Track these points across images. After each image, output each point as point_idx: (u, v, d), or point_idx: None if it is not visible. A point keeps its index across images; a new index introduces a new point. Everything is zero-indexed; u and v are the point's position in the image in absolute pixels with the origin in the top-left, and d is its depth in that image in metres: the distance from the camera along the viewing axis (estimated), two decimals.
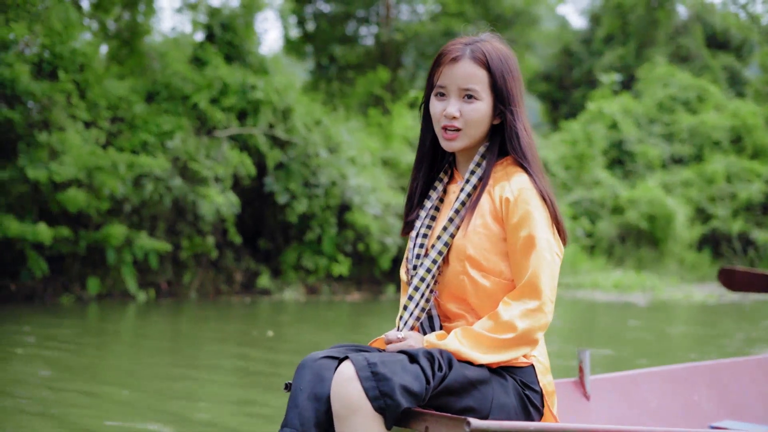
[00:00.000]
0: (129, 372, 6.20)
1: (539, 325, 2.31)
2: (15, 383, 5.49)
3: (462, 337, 2.31)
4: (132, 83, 11.78)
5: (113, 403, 5.00)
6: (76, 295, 10.90)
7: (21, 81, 9.38)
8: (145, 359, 6.86)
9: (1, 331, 8.16)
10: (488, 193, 2.42)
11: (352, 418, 2.13)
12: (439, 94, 2.46)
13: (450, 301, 2.45)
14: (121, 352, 7.33)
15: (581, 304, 12.46)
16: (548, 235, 2.34)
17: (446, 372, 2.23)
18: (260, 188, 12.41)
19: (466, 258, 2.39)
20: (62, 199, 10.14)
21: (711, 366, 3.43)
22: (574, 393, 3.05)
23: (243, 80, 12.04)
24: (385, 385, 2.12)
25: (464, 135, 2.43)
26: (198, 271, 12.02)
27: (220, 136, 11.70)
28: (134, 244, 10.78)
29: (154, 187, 10.92)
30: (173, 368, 6.43)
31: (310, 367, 2.25)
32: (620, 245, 17.67)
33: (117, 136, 11.27)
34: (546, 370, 2.43)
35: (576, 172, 18.62)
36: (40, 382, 5.55)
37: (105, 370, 6.36)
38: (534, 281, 2.31)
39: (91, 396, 5.16)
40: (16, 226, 9.71)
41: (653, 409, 3.19)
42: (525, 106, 2.50)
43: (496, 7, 22.42)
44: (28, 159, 9.90)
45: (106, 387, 5.51)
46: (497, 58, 2.43)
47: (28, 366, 6.17)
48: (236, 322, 9.81)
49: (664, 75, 22.39)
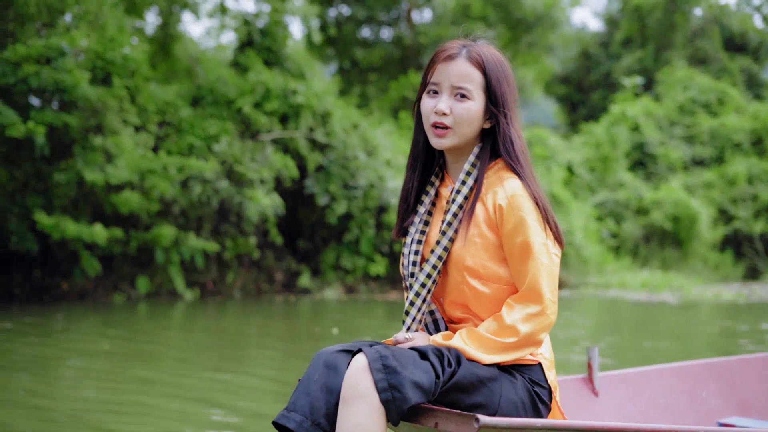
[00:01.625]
0: (201, 366, 6.52)
1: (542, 327, 2.35)
2: (82, 378, 5.83)
3: (467, 338, 2.35)
4: (177, 88, 12.11)
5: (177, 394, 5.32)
6: (127, 293, 11.24)
7: (81, 87, 9.69)
8: (212, 356, 7.17)
9: (70, 329, 8.50)
10: (481, 201, 2.43)
11: (356, 404, 2.17)
12: (432, 91, 2.46)
13: (453, 307, 2.49)
14: (191, 347, 7.65)
15: (619, 304, 12.72)
16: (543, 239, 2.36)
17: (455, 368, 2.27)
18: (300, 190, 12.73)
19: (464, 269, 2.41)
20: (116, 201, 10.48)
21: (719, 363, 3.45)
22: (583, 389, 3.08)
23: (284, 85, 12.37)
24: (394, 378, 2.16)
25: (453, 133, 2.42)
26: (240, 270, 12.35)
27: (264, 139, 12.03)
28: (184, 244, 11.11)
29: (202, 189, 11.25)
30: (245, 365, 6.75)
31: (326, 359, 2.29)
32: (645, 246, 17.96)
33: (165, 140, 11.61)
34: (551, 366, 2.48)
35: (600, 174, 18.93)
36: (105, 375, 5.89)
37: (171, 360, 6.68)
38: (534, 287, 2.35)
39: (150, 384, 5.49)
40: (73, 227, 10.04)
41: (661, 405, 3.21)
42: (518, 113, 2.51)
43: (517, 11, 22.69)
44: (84, 162, 10.24)
45: (174, 377, 5.84)
46: (493, 62, 2.44)
47: (93, 360, 6.51)
48: (295, 321, 10.14)
49: (684, 78, 22.67)
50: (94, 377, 5.79)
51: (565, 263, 14.80)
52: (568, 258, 14.92)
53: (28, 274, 11.03)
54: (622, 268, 16.50)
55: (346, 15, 24.66)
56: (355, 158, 12.70)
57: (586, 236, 15.93)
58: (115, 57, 10.56)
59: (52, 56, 10.06)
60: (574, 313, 11.09)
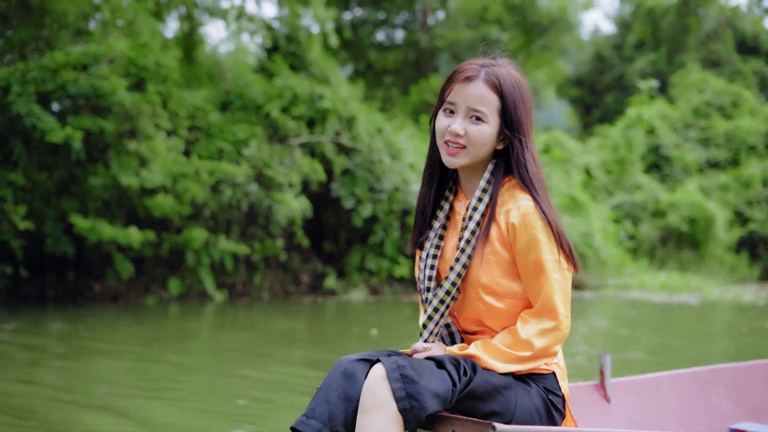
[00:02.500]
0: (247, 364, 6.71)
1: (555, 341, 2.42)
2: (123, 374, 6.04)
3: (482, 349, 2.42)
4: (206, 93, 12.32)
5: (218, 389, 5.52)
6: (158, 295, 11.45)
7: (118, 93, 9.90)
8: (262, 354, 7.37)
9: (110, 327, 8.72)
10: (494, 218, 2.47)
11: (374, 413, 2.21)
12: (448, 110, 2.48)
13: (468, 322, 2.54)
14: (231, 347, 7.85)
15: (645, 305, 12.87)
16: (555, 255, 2.42)
17: (471, 376, 2.32)
18: (326, 193, 12.94)
19: (479, 286, 2.46)
20: (149, 205, 10.69)
21: (730, 368, 3.46)
22: (596, 396, 3.11)
23: (311, 90, 12.58)
24: (412, 388, 2.21)
25: (466, 153, 2.46)
26: (268, 272, 12.56)
27: (292, 144, 12.23)
28: (215, 246, 11.33)
29: (232, 192, 11.46)
30: (285, 365, 6.95)
31: (345, 367, 2.34)
32: (661, 247, 18.15)
33: (195, 144, 11.82)
34: (564, 375, 2.53)
35: (617, 177, 19.12)
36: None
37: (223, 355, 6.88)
38: (548, 303, 2.40)
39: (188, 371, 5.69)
40: (109, 230, 10.25)
41: (673, 411, 3.23)
42: (533, 135, 2.53)
43: (532, 15, 22.89)
44: (119, 166, 10.46)
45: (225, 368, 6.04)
46: (510, 85, 2.45)
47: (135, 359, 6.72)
48: (329, 321, 10.34)
49: (698, 81, 22.85)
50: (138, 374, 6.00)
51: (584, 265, 14.98)
52: (587, 260, 15.10)
53: (62, 275, 11.26)
54: (640, 270, 16.69)
55: (361, 18, 24.90)
56: (380, 162, 12.90)
57: (604, 238, 16.10)
58: (148, 63, 10.77)
59: (88, 63, 10.28)
60: (605, 315, 11.27)
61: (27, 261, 10.82)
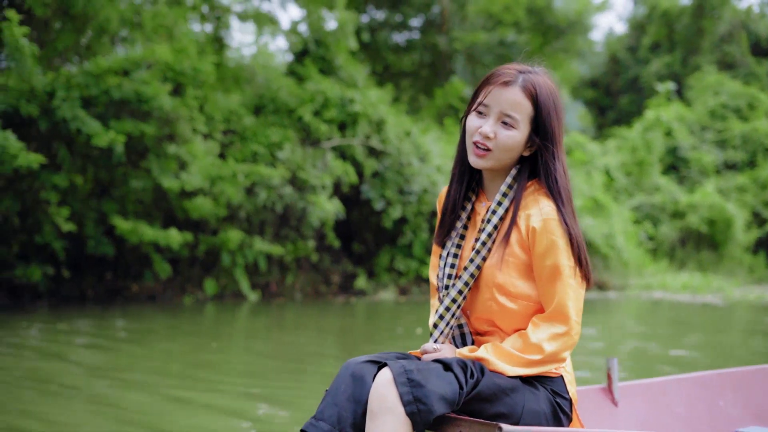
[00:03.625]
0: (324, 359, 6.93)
1: (566, 347, 2.43)
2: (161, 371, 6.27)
3: (492, 352, 2.43)
4: (240, 97, 12.56)
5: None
6: (194, 295, 11.69)
7: (160, 98, 10.14)
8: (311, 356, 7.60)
9: (167, 326, 8.96)
10: (516, 222, 2.49)
11: (382, 417, 2.23)
12: (480, 112, 2.50)
13: (480, 322, 2.56)
14: (283, 345, 8.07)
15: (672, 305, 13.07)
16: (572, 262, 2.43)
17: (478, 379, 2.33)
18: (356, 195, 13.17)
19: (494, 286, 2.48)
20: (188, 207, 10.93)
21: (737, 372, 3.46)
22: (603, 399, 3.12)
23: (342, 94, 12.82)
24: (419, 391, 2.22)
25: (492, 156, 2.48)
26: (299, 273, 12.80)
27: (325, 147, 12.47)
28: (251, 247, 11.57)
29: (267, 195, 11.70)
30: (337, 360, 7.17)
31: (353, 370, 2.36)
32: (681, 248, 18.36)
33: (230, 147, 12.07)
34: (572, 380, 2.54)
35: (636, 178, 19.33)
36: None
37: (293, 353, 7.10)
38: (561, 308, 2.42)
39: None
40: (150, 231, 10.50)
41: (680, 415, 3.24)
42: (563, 146, 2.54)
43: (549, 18, 23.09)
44: (159, 169, 10.70)
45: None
46: (546, 94, 2.46)
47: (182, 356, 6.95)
48: (371, 321, 10.57)
49: (714, 83, 23.06)
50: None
51: (606, 266, 15.21)
52: (609, 260, 15.32)
53: (101, 276, 11.50)
54: (660, 271, 16.90)
55: (379, 20, 25.11)
56: (409, 164, 13.13)
57: (626, 239, 16.32)
58: (186, 68, 11.00)
59: (129, 68, 10.52)
60: (638, 315, 11.47)
61: (68, 262, 11.06)
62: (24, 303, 10.61)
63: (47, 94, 10.10)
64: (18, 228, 10.48)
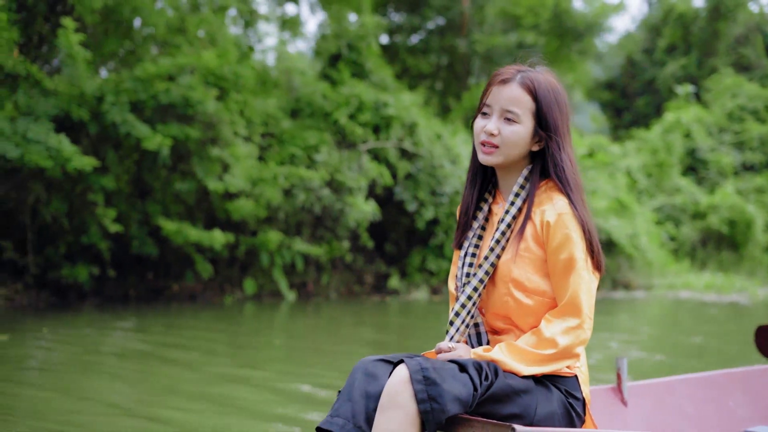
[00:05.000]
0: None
1: (579, 341, 2.46)
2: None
3: (506, 351, 2.46)
4: (276, 101, 12.84)
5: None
6: (234, 295, 11.97)
7: (208, 102, 10.42)
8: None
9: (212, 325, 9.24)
10: (530, 217, 2.54)
11: (391, 412, 2.28)
12: (485, 112, 2.57)
13: (495, 318, 2.59)
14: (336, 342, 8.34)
15: (702, 305, 13.27)
16: (586, 256, 2.49)
17: (492, 381, 2.36)
18: (389, 197, 13.45)
19: (510, 281, 2.52)
20: (230, 208, 11.20)
21: (745, 372, 3.49)
22: (612, 399, 3.15)
23: (376, 98, 13.09)
24: (434, 390, 2.26)
25: (500, 152, 2.54)
26: (334, 273, 13.08)
27: (361, 150, 12.75)
28: (290, 248, 11.85)
29: (306, 196, 11.98)
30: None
31: (366, 368, 2.41)
32: (702, 249, 18.62)
33: (268, 150, 12.35)
34: (586, 379, 2.57)
35: (657, 180, 19.60)
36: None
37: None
38: (574, 301, 2.45)
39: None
40: (195, 232, 10.77)
41: (689, 415, 3.26)
42: (570, 138, 2.60)
43: (568, 20, 23.30)
44: (203, 172, 10.98)
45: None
46: (545, 89, 2.54)
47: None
48: (413, 319, 10.83)
49: (732, 86, 23.31)
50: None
51: (631, 266, 15.47)
52: (634, 261, 15.58)
53: (142, 276, 11.78)
54: (682, 271, 17.16)
55: (398, 23, 25.33)
56: (441, 167, 13.41)
57: (649, 240, 16.57)
58: (227, 72, 11.27)
59: (174, 73, 10.80)
60: (672, 315, 11.68)
61: (111, 262, 11.33)
62: (69, 302, 10.89)
63: (96, 98, 10.38)
64: (66, 229, 10.76)
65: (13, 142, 9.39)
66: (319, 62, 14.87)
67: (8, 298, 10.54)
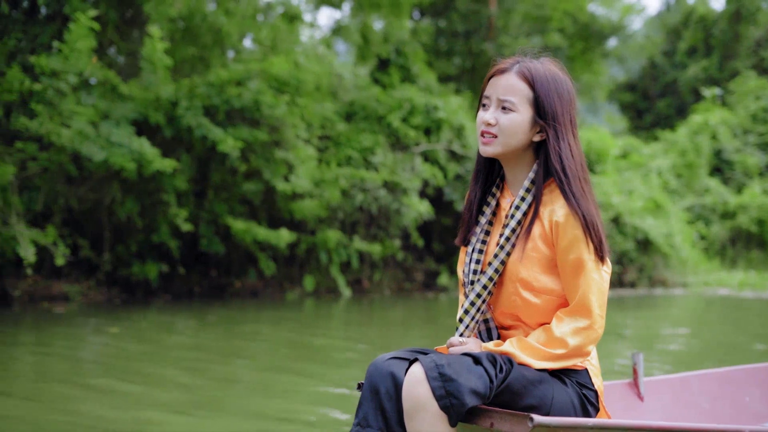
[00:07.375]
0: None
1: (589, 340, 2.44)
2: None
3: (517, 346, 2.45)
4: (332, 105, 13.31)
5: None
6: (294, 291, 12.45)
7: (278, 107, 10.89)
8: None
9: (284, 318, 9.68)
10: (538, 216, 2.50)
11: (419, 416, 2.27)
12: (484, 104, 2.54)
13: (504, 316, 2.58)
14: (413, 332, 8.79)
15: (745, 302, 13.65)
16: (596, 255, 2.45)
17: (508, 372, 2.36)
18: (439, 197, 13.91)
19: (518, 280, 2.49)
20: (294, 208, 11.67)
21: (762, 368, 3.49)
22: (629, 394, 3.16)
23: (427, 101, 13.57)
24: (451, 386, 2.25)
25: (498, 142, 2.48)
26: (386, 270, 13.56)
27: (414, 152, 13.23)
28: (349, 247, 12.33)
29: (363, 197, 12.46)
30: None
31: (383, 368, 2.41)
32: (731, 248, 19.10)
33: (325, 152, 12.82)
34: (598, 372, 2.56)
35: (686, 180, 20.08)
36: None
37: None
38: (584, 302, 2.43)
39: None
40: (263, 231, 11.24)
41: (705, 410, 3.25)
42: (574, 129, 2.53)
43: (593, 23, 23.76)
44: (270, 173, 11.44)
45: None
46: (544, 77, 2.48)
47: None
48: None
49: (756, 88, 23.77)
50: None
51: (666, 264, 15.93)
52: (669, 259, 16.03)
53: (206, 273, 12.25)
54: (714, 269, 17.63)
55: (424, 26, 25.75)
56: None
57: (682, 239, 17.04)
58: (291, 78, 11.74)
59: (242, 79, 11.27)
60: (726, 312, 12.01)
61: (180, 260, 11.80)
62: (138, 298, 11.35)
63: (171, 103, 10.85)
64: (138, 228, 11.22)
65: (98, 145, 9.85)
66: (364, 67, 15.34)
67: (82, 293, 11.01)
